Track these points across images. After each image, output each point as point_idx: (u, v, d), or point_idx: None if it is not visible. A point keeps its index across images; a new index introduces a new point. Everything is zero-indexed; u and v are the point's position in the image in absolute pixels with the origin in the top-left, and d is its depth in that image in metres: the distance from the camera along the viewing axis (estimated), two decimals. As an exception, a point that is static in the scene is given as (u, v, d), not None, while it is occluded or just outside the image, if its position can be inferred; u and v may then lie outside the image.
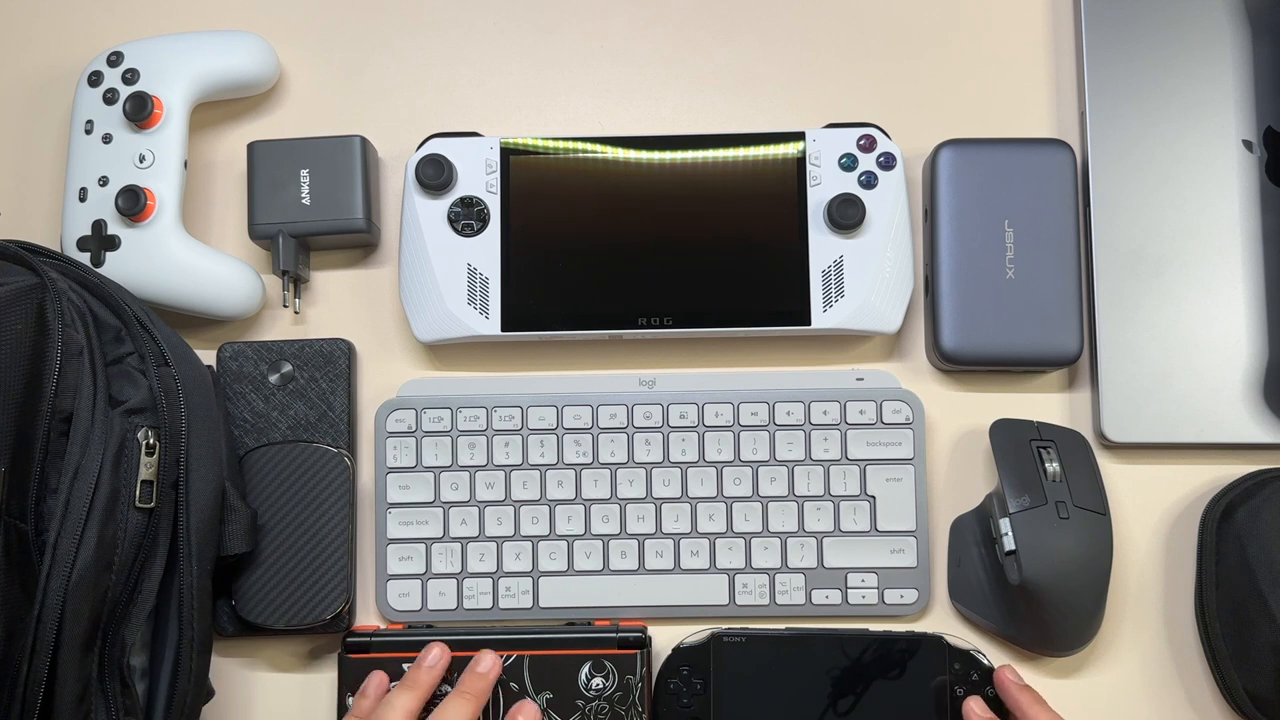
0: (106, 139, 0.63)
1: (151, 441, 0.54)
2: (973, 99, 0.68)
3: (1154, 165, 0.65)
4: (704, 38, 0.69)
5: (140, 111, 0.62)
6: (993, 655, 0.62)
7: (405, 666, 0.61)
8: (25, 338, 0.51)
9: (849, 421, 0.63)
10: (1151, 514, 0.64)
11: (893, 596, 0.63)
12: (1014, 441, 0.62)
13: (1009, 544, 0.59)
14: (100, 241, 0.62)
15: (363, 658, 0.61)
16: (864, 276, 0.63)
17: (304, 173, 0.64)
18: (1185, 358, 0.63)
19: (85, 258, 0.62)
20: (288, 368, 0.65)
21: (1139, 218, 0.64)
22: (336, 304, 0.67)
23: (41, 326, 0.52)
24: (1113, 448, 0.64)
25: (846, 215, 0.62)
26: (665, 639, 0.63)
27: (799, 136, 0.64)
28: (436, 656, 0.60)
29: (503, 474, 0.64)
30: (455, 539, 0.64)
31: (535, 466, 0.64)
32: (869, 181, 0.64)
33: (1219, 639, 0.61)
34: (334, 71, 0.69)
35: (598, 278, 0.63)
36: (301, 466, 0.62)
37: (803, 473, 0.63)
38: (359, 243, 0.67)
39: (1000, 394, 0.66)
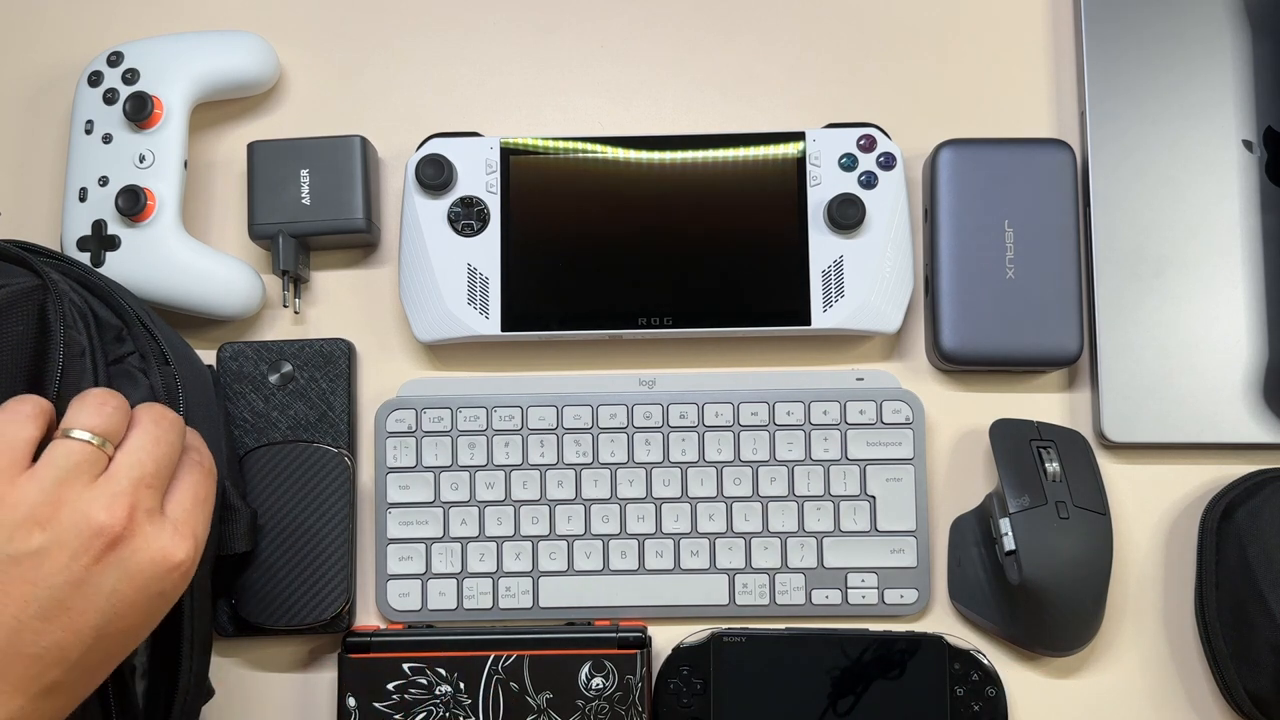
0: (106, 139, 0.63)
1: None
2: (973, 99, 0.68)
3: (1154, 165, 0.65)
4: (704, 38, 0.69)
5: (140, 111, 0.62)
6: (993, 655, 0.62)
7: (405, 667, 0.61)
8: (27, 340, 0.51)
9: (849, 421, 0.63)
10: (1151, 514, 0.64)
11: (893, 596, 0.63)
12: (1014, 441, 0.62)
13: (1009, 544, 0.59)
14: (100, 241, 0.62)
15: (363, 658, 0.61)
16: (864, 276, 0.63)
17: (304, 173, 0.64)
18: (1185, 358, 0.63)
19: (85, 258, 0.62)
20: (288, 368, 0.65)
21: (1139, 218, 0.64)
22: (336, 304, 0.67)
23: (43, 328, 0.52)
24: (1113, 448, 0.64)
25: (846, 215, 0.62)
26: (665, 639, 0.63)
27: (799, 136, 0.64)
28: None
29: (503, 474, 0.64)
30: (455, 539, 0.64)
31: (535, 466, 0.64)
32: (869, 181, 0.64)
33: (1219, 639, 0.61)
34: (334, 71, 0.69)
35: (597, 278, 0.63)
36: (301, 466, 0.62)
37: (803, 473, 0.63)
38: (359, 243, 0.67)
39: (1000, 394, 0.66)
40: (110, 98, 0.63)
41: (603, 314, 0.63)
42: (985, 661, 0.61)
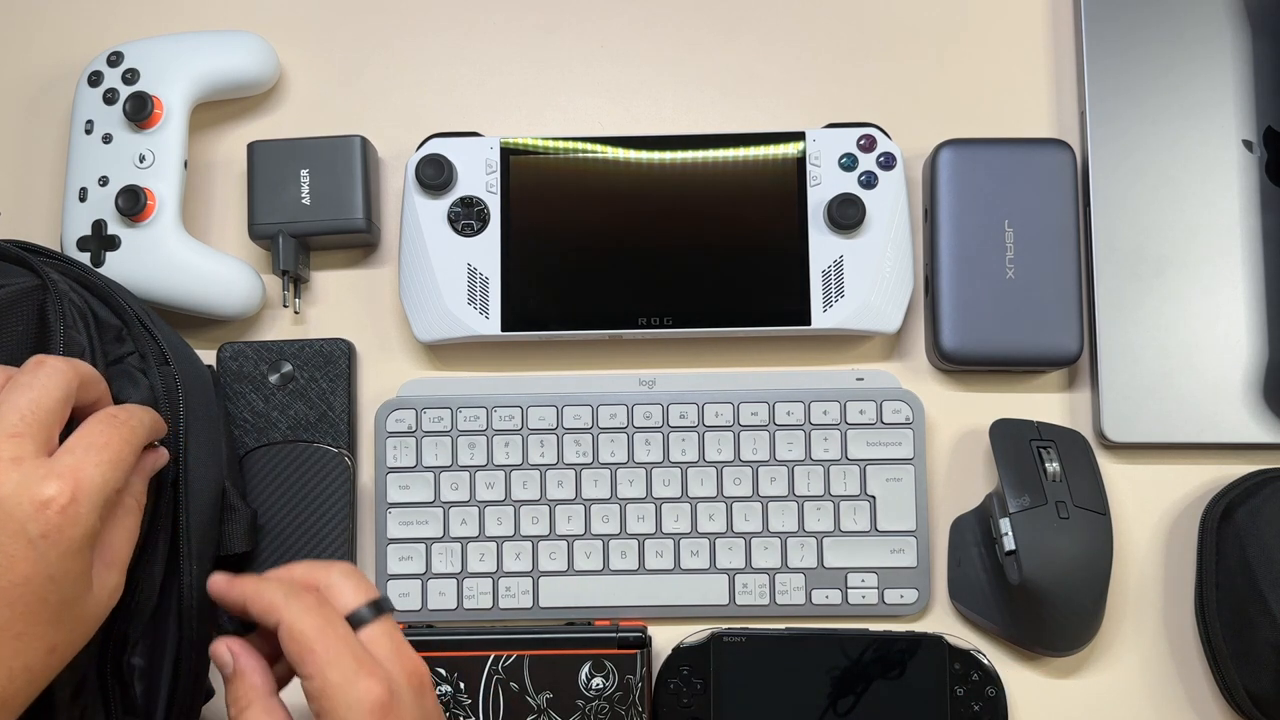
0: (106, 139, 0.63)
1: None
2: (973, 99, 0.68)
3: (1154, 165, 0.65)
4: (704, 38, 0.69)
5: (140, 111, 0.62)
6: (993, 655, 0.62)
7: (405, 666, 0.61)
8: (27, 339, 0.51)
9: (849, 421, 0.63)
10: (1151, 514, 0.64)
11: (893, 596, 0.63)
12: (1014, 441, 0.62)
13: (1009, 544, 0.59)
14: (100, 241, 0.62)
15: (363, 658, 0.61)
16: (864, 276, 0.63)
17: (304, 173, 0.64)
18: (1185, 358, 0.63)
19: (85, 258, 0.62)
20: (288, 368, 0.65)
21: (1139, 218, 0.64)
22: (336, 304, 0.67)
23: (43, 328, 0.52)
24: (1113, 448, 0.64)
25: (846, 215, 0.62)
26: (665, 639, 0.63)
27: (799, 136, 0.64)
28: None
29: (503, 474, 0.64)
30: (455, 539, 0.64)
31: (535, 466, 0.64)
32: (869, 181, 0.64)
33: (1219, 639, 0.61)
34: (334, 71, 0.69)
35: (597, 278, 0.63)
36: (301, 466, 0.62)
37: (803, 473, 0.63)
38: (359, 243, 0.67)
39: (1000, 394, 0.66)
40: (110, 98, 0.63)
41: (603, 314, 0.63)
42: (985, 661, 0.61)
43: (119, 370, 0.54)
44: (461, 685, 0.61)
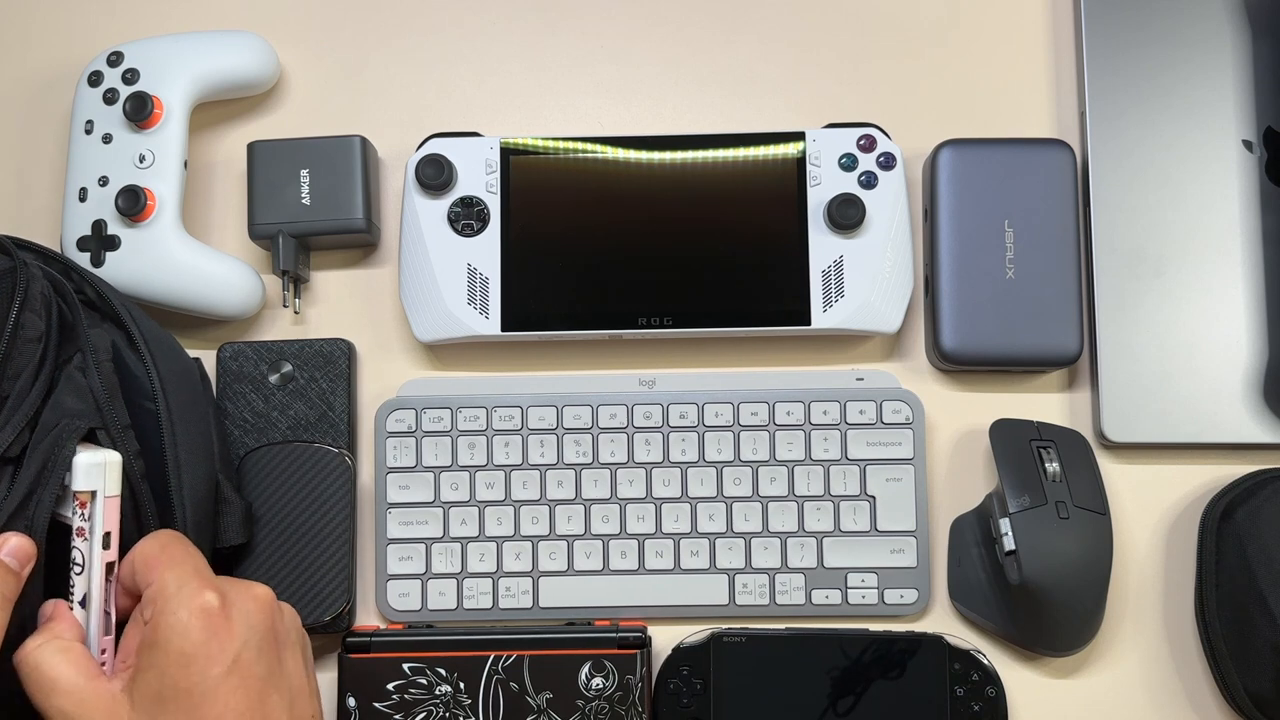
0: (106, 139, 0.63)
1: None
2: (973, 99, 0.68)
3: (1154, 165, 0.65)
4: (704, 38, 0.69)
5: (140, 111, 0.62)
6: (993, 655, 0.62)
7: (405, 667, 0.61)
8: None
9: (849, 421, 0.63)
10: (1151, 514, 0.64)
11: (893, 596, 0.63)
12: (1014, 441, 0.62)
13: (1009, 544, 0.59)
14: (100, 242, 0.62)
15: (363, 658, 0.61)
16: (864, 276, 0.63)
17: (304, 173, 0.64)
18: (1185, 358, 0.63)
19: (85, 258, 0.62)
20: (288, 368, 0.65)
21: (1139, 218, 0.64)
22: (336, 304, 0.67)
23: (9, 310, 0.51)
24: (1113, 448, 0.64)
25: (846, 215, 0.62)
26: (665, 639, 0.63)
27: (799, 136, 0.64)
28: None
29: (503, 474, 0.64)
30: (455, 539, 0.64)
31: (535, 466, 0.64)
32: (869, 181, 0.64)
33: (1219, 639, 0.61)
34: (334, 71, 0.69)
35: (597, 278, 0.63)
36: (302, 466, 0.62)
37: (803, 473, 0.63)
38: (359, 243, 0.67)
39: (1000, 394, 0.66)
40: (110, 98, 0.63)
41: (603, 314, 0.63)
42: (985, 661, 0.61)
43: (67, 373, 0.53)
44: (461, 685, 0.61)
